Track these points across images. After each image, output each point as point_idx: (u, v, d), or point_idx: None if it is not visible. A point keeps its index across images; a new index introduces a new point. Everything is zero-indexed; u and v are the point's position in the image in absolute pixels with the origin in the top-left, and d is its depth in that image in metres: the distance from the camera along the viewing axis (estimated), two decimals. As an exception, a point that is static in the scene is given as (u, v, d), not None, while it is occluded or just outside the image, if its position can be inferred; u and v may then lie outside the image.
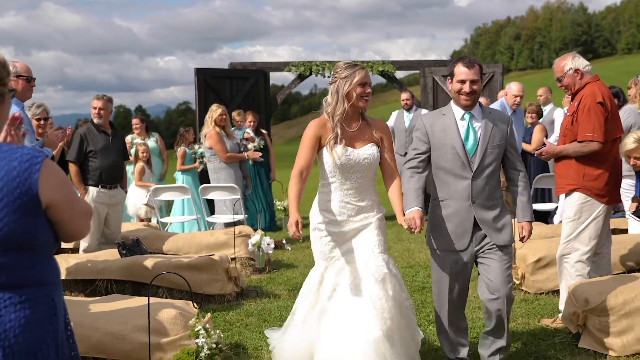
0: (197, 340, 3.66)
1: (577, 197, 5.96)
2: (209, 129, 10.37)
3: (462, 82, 4.80)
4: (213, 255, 7.49)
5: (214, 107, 10.53)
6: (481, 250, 4.88)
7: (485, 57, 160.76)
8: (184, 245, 8.72)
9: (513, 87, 10.03)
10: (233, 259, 8.31)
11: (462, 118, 4.87)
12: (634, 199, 6.35)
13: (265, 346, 5.87)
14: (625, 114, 8.45)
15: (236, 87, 14.19)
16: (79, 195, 7.66)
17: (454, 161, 4.81)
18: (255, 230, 9.16)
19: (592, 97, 5.87)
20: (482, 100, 11.82)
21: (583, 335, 5.61)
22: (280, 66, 14.95)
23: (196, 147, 12.12)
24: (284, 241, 10.27)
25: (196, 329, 3.71)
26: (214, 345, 3.69)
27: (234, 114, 11.92)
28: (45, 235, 2.56)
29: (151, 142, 12.10)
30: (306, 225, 5.00)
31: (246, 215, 10.52)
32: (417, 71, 15.02)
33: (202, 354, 3.62)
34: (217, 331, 3.75)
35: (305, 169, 4.84)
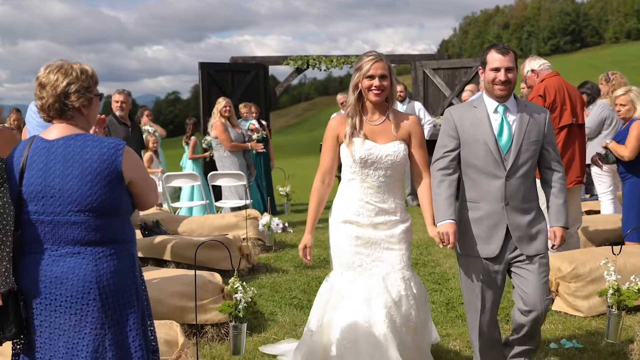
0: (236, 295, 4.44)
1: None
2: (214, 120, 11.18)
3: (496, 70, 4.38)
4: (227, 234, 8.32)
5: (219, 99, 11.35)
6: (516, 259, 4.47)
7: (474, 46, 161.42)
8: (197, 226, 9.53)
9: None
10: (244, 239, 9.13)
11: (496, 111, 4.46)
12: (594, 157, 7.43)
13: (279, 312, 6.73)
14: (599, 109, 9.35)
15: (237, 80, 15.02)
16: None
17: (485, 158, 4.40)
18: (262, 213, 9.99)
19: (535, 91, 6.85)
20: (467, 93, 12.62)
21: (556, 299, 6.47)
22: (278, 60, 15.79)
23: (208, 138, 12.93)
24: (286, 224, 11.09)
25: (235, 286, 4.49)
26: (249, 299, 4.48)
27: (241, 106, 12.72)
28: (126, 204, 3.37)
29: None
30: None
31: (251, 200, 11.33)
32: (409, 64, 15.85)
33: (240, 306, 4.42)
34: (252, 288, 4.54)
35: (328, 173, 4.66)
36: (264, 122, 13.43)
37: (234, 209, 10.99)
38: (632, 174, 7.16)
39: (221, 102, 11.19)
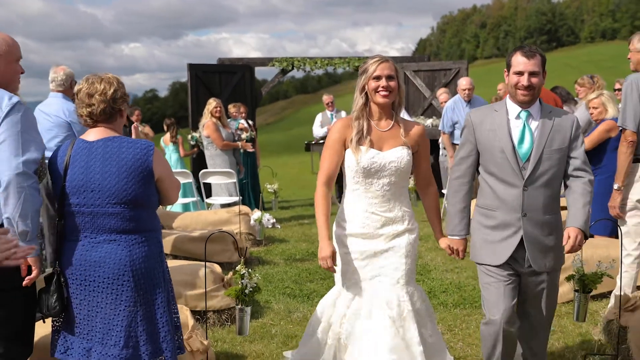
0: (243, 281, 4.91)
1: None
2: (206, 120, 11.64)
3: (520, 74, 4.17)
4: (222, 229, 8.80)
5: (210, 100, 11.81)
6: (526, 273, 4.33)
7: (452, 45, 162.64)
8: (191, 222, 9.99)
9: (462, 82, 11.36)
10: (236, 234, 9.61)
11: (518, 117, 4.26)
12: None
13: (273, 300, 7.23)
14: (582, 112, 9.93)
15: (225, 81, 15.50)
16: None
17: (502, 166, 4.21)
18: (252, 209, 10.48)
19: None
20: (444, 95, 13.23)
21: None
22: (264, 61, 16.28)
23: (196, 134, 13.47)
24: (274, 220, 11.60)
25: (241, 272, 4.95)
26: (254, 284, 4.95)
27: (230, 106, 13.19)
28: (155, 198, 3.87)
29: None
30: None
31: (240, 197, 11.81)
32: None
33: (246, 291, 4.89)
34: (257, 275, 5.01)
35: (332, 177, 4.41)
36: (250, 122, 13.91)
37: (223, 206, 11.47)
38: (598, 172, 7.70)
39: (212, 103, 11.65)
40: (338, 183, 14.67)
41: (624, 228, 5.87)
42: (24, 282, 3.70)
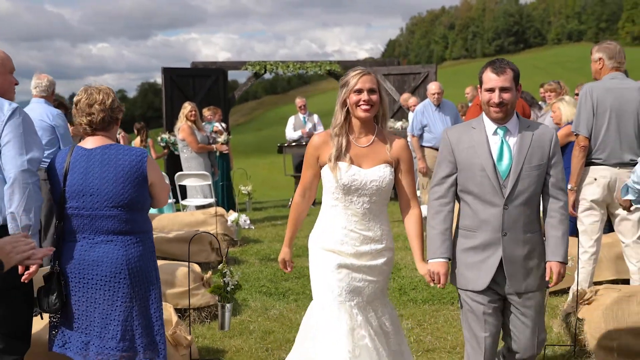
0: (224, 279, 5.21)
1: None
2: (181, 123, 11.89)
3: (491, 90, 4.06)
4: (199, 230, 9.09)
5: (185, 104, 12.06)
6: (510, 295, 4.19)
7: (420, 46, 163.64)
8: (168, 223, 10.25)
9: (431, 87, 11.74)
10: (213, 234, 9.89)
11: (495, 133, 4.14)
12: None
13: (250, 298, 7.54)
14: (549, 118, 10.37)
15: (198, 85, 15.80)
16: None
17: (482, 185, 4.08)
18: (227, 211, 10.77)
19: (475, 101, 7.91)
20: (412, 101, 13.65)
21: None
22: (237, 65, 16.61)
23: (165, 136, 13.73)
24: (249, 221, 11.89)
25: (223, 271, 5.25)
26: (236, 282, 5.25)
27: (205, 110, 13.44)
28: (148, 201, 4.18)
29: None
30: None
31: (215, 199, 12.08)
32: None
33: (228, 288, 5.19)
34: (238, 272, 5.32)
35: (309, 189, 4.37)
36: (224, 125, 14.16)
37: (199, 207, 11.73)
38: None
39: (187, 107, 11.90)
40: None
41: (581, 227, 6.28)
42: (23, 278, 3.97)
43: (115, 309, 3.98)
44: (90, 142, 4.10)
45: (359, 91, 4.10)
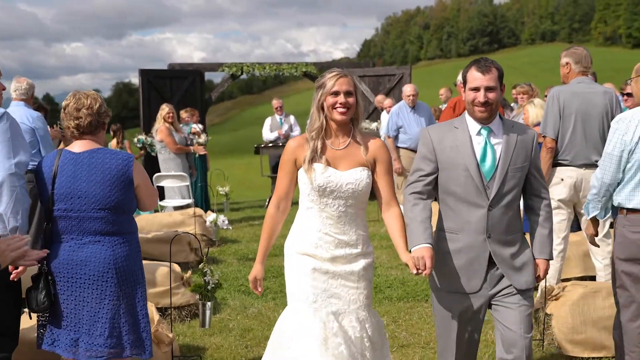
0: (205, 278, 5.37)
1: None
2: (159, 125, 12.02)
3: (476, 89, 3.98)
4: (177, 231, 9.23)
5: (163, 106, 12.19)
6: (498, 294, 4.09)
7: (396, 46, 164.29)
8: (147, 224, 10.37)
9: (406, 89, 11.97)
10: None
11: (479, 133, 4.05)
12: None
13: (229, 297, 7.70)
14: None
15: (175, 86, 15.95)
16: None
17: (466, 186, 4.00)
18: (205, 211, 10.92)
19: (449, 103, 8.19)
20: (387, 102, 13.89)
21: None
22: (214, 67, 16.78)
23: (142, 137, 13.86)
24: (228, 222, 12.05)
25: (204, 270, 5.41)
26: (216, 281, 5.41)
27: (182, 111, 13.57)
28: (134, 204, 4.33)
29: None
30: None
31: (194, 199, 12.21)
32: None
33: (208, 287, 5.35)
34: (218, 272, 5.48)
35: (284, 199, 4.23)
36: (201, 126, 14.30)
37: (177, 208, 11.86)
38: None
39: (165, 109, 12.03)
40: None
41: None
42: (12, 277, 4.13)
43: (103, 307, 4.13)
44: (77, 146, 4.25)
45: (336, 93, 4.03)
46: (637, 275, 4.56)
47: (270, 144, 14.86)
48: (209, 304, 5.46)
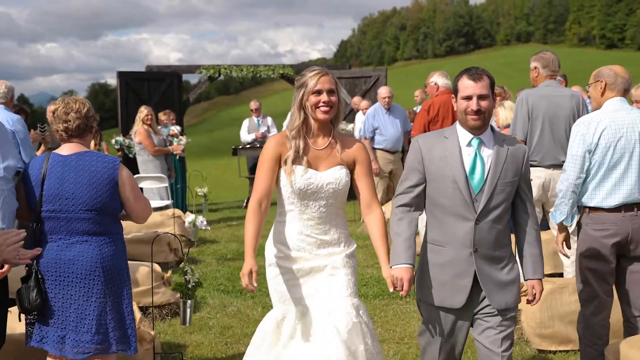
0: (186, 276, 5.53)
1: None
2: (138, 127, 12.14)
3: (468, 98, 3.88)
4: (157, 232, 9.37)
5: (141, 108, 12.32)
6: (480, 311, 3.99)
7: (372, 47, 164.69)
8: (126, 225, 10.34)
9: (382, 91, 12.18)
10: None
11: (469, 144, 3.94)
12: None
13: (209, 296, 7.86)
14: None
15: (153, 88, 16.04)
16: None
17: (454, 198, 3.90)
18: (185, 212, 11.06)
19: (424, 106, 8.46)
20: (364, 104, 14.10)
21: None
22: (192, 69, 16.90)
23: (119, 138, 13.98)
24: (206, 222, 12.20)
25: (185, 269, 5.56)
26: (197, 280, 5.57)
27: (161, 114, 13.68)
28: (119, 206, 4.47)
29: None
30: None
31: (172, 200, 12.34)
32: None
33: (189, 285, 5.51)
34: (198, 271, 5.64)
35: (265, 197, 4.09)
36: (178, 128, 14.42)
37: (155, 209, 11.99)
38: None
39: (143, 111, 12.15)
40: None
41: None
42: None
43: (90, 304, 4.28)
44: (65, 149, 4.40)
45: (319, 92, 4.01)
46: (599, 271, 4.80)
47: (248, 145, 15.01)
48: (189, 302, 5.62)
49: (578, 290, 4.99)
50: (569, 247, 5.19)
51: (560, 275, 7.28)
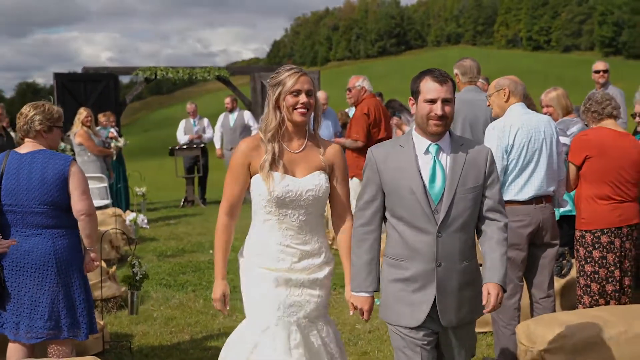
0: (134, 269, 5.91)
1: (355, 182, 8.30)
2: (77, 129, 12.36)
3: (432, 101, 3.59)
4: (100, 230, 9.68)
5: (81, 110, 12.54)
6: (443, 328, 3.76)
7: (305, 47, 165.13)
8: (68, 224, 10.75)
9: (318, 94, 12.60)
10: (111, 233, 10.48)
11: (427, 151, 3.68)
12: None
13: (151, 290, 8.21)
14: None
15: (90, 89, 16.24)
16: None
17: (413, 209, 3.63)
18: (125, 211, 11.37)
19: (360, 110, 8.89)
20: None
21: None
22: (129, 70, 17.21)
23: (62, 144, 14.11)
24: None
25: (132, 262, 5.94)
26: (144, 272, 5.95)
27: (100, 115, 13.90)
28: (69, 201, 4.83)
29: None
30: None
31: (112, 200, 12.61)
32: (249, 75, 17.67)
33: (137, 277, 5.89)
34: (145, 264, 6.03)
35: (236, 205, 3.94)
36: (116, 128, 14.66)
37: (96, 208, 12.23)
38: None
39: (83, 113, 12.37)
40: (201, 185, 15.73)
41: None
42: None
43: (43, 293, 4.64)
44: (24, 148, 4.77)
45: (297, 92, 3.78)
46: (514, 258, 5.32)
47: (185, 146, 15.33)
48: (137, 293, 6.02)
49: None
50: None
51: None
